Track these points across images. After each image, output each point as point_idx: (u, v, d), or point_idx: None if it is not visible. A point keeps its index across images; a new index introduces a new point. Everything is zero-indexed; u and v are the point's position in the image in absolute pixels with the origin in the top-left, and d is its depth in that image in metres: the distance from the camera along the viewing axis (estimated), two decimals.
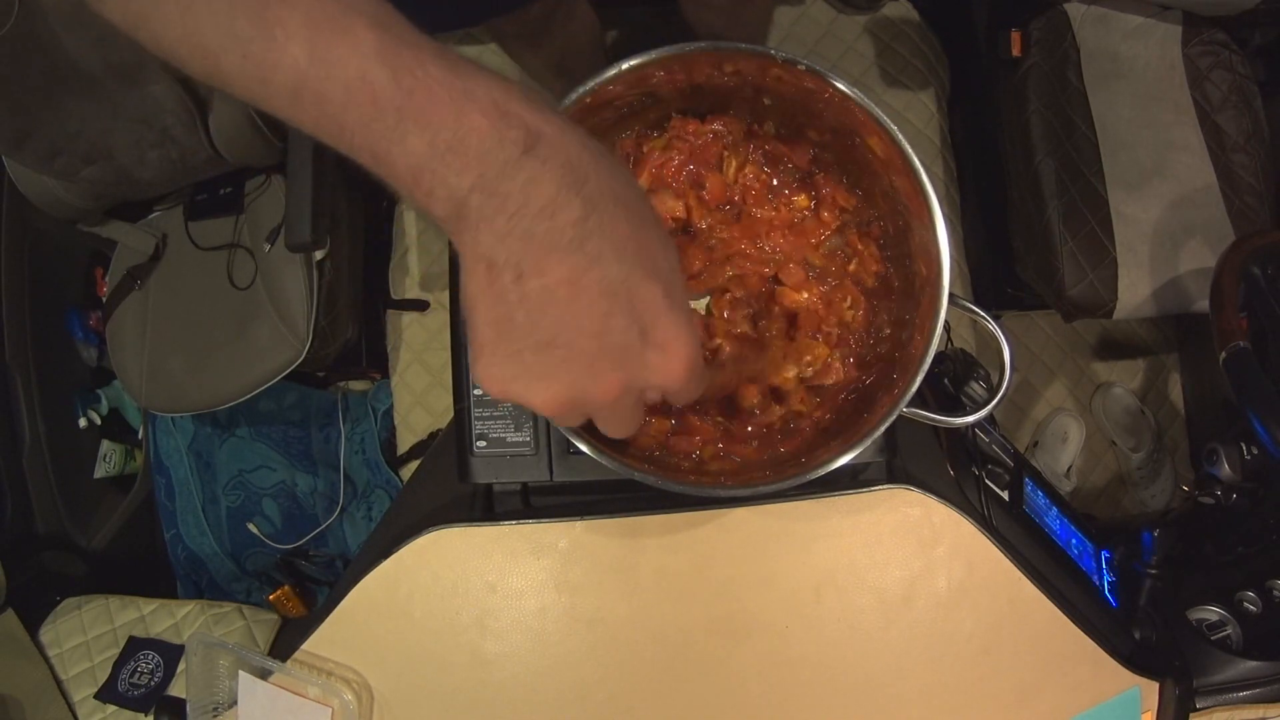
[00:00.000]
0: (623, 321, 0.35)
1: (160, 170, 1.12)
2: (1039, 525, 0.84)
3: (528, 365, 0.36)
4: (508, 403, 0.39)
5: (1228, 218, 1.21)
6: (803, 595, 0.70)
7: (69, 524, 1.33)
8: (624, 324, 0.35)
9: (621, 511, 0.70)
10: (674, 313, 0.37)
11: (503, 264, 0.34)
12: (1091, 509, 1.54)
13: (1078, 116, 1.24)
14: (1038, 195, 1.22)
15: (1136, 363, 1.58)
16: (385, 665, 0.72)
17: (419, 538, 0.71)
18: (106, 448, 1.43)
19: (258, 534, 1.41)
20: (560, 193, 0.33)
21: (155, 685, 1.02)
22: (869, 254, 0.64)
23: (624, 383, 0.37)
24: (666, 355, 0.37)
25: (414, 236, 1.48)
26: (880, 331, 0.64)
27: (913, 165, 0.56)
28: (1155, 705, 0.74)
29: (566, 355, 0.35)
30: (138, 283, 1.26)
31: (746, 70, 0.58)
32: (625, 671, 0.71)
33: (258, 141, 1.10)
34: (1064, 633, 0.72)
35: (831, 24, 1.48)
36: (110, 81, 0.99)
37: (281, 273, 1.18)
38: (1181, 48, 1.27)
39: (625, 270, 0.35)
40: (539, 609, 0.71)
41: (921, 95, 1.46)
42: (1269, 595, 0.82)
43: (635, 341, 0.36)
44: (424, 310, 1.48)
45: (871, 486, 0.71)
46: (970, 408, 0.60)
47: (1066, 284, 1.19)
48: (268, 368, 1.18)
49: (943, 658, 0.71)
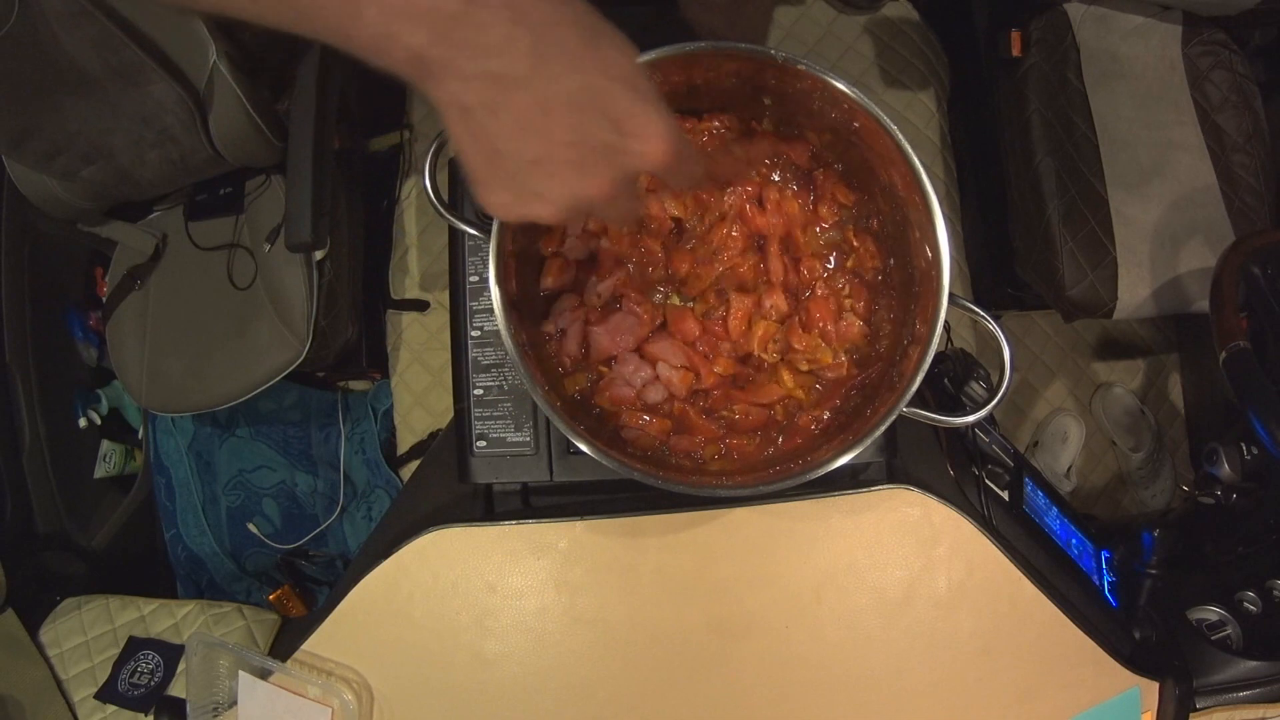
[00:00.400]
0: (595, 124, 0.38)
1: (160, 170, 1.12)
2: (1039, 525, 0.84)
3: (524, 186, 0.39)
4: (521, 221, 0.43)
5: (1228, 218, 1.20)
6: (803, 595, 0.70)
7: (69, 524, 1.33)
8: (596, 125, 0.38)
9: (621, 511, 0.70)
10: (642, 103, 0.39)
11: (474, 105, 0.37)
12: (1091, 509, 1.54)
13: (1078, 116, 1.24)
14: (1038, 195, 1.22)
15: (1136, 363, 1.58)
16: (385, 665, 0.72)
17: (419, 538, 0.71)
18: (106, 448, 1.43)
19: (258, 534, 1.41)
20: (508, 28, 0.36)
21: (155, 685, 1.02)
22: (866, 250, 0.64)
23: (614, 177, 0.40)
24: (645, 141, 0.39)
25: (414, 236, 1.47)
26: (880, 329, 0.64)
27: (913, 165, 0.56)
28: (1155, 705, 0.74)
29: (554, 168, 0.39)
30: (138, 283, 1.26)
31: (745, 70, 0.58)
32: (625, 671, 0.71)
33: (258, 141, 1.10)
34: (1064, 633, 0.72)
35: (831, 24, 1.48)
36: (110, 81, 0.99)
37: (281, 273, 1.18)
38: (1181, 48, 1.27)
39: (584, 79, 0.38)
40: (539, 609, 0.71)
41: (921, 95, 1.46)
42: (1269, 595, 0.82)
43: (612, 137, 0.39)
44: (424, 310, 1.48)
45: (871, 486, 0.71)
46: (970, 408, 0.60)
47: (1066, 284, 1.19)
48: (268, 368, 1.18)
49: (943, 658, 0.71)
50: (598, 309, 0.62)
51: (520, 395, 0.70)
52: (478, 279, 0.72)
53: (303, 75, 0.99)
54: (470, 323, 0.72)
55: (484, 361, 0.71)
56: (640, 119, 0.39)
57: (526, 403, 0.70)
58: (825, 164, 0.64)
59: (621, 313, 0.62)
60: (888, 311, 0.64)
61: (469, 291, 0.73)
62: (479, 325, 0.72)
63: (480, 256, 0.73)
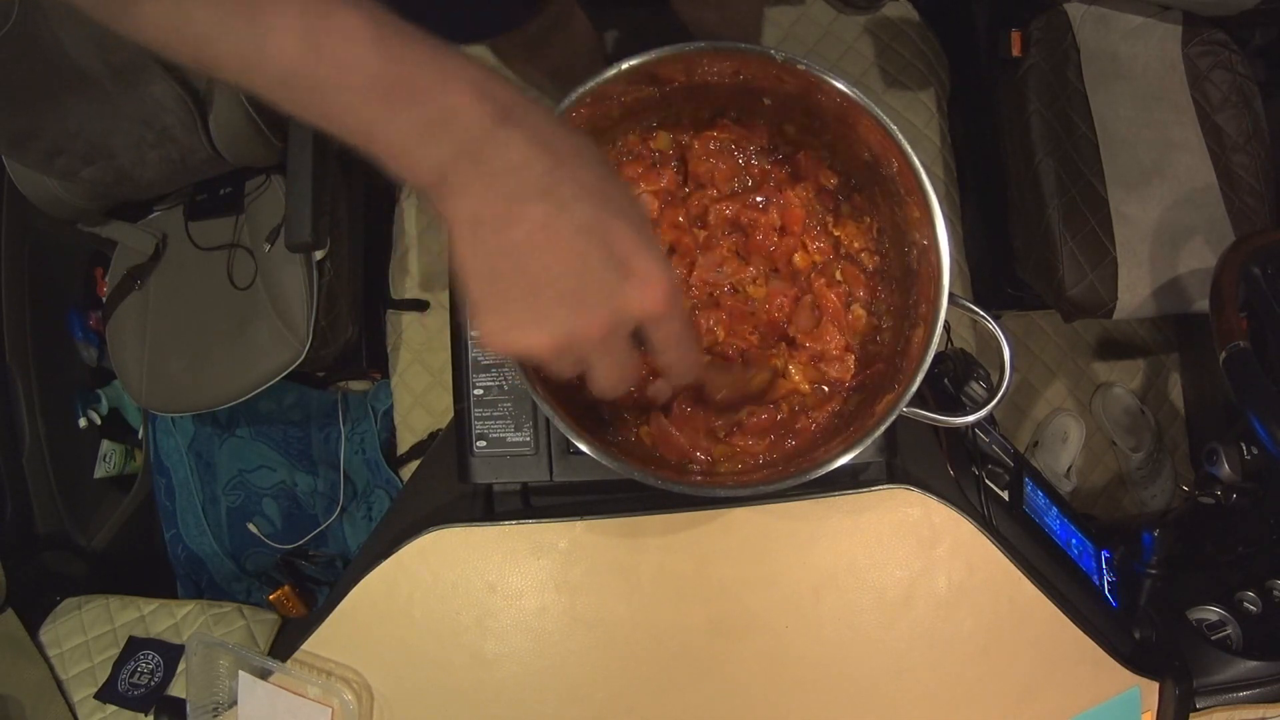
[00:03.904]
0: (599, 256, 0.38)
1: (160, 170, 1.12)
2: (1039, 525, 0.84)
3: (519, 312, 0.39)
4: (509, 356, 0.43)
5: (1228, 218, 1.20)
6: (803, 595, 0.70)
7: (69, 524, 1.33)
8: (600, 259, 0.38)
9: (622, 511, 0.70)
10: (647, 247, 0.39)
11: (484, 220, 0.37)
12: (1091, 509, 1.54)
13: (1078, 116, 1.24)
14: (1038, 195, 1.22)
15: (1136, 363, 1.58)
16: (385, 665, 0.72)
17: (419, 538, 0.71)
18: (106, 448, 1.43)
19: (258, 534, 1.41)
20: (531, 150, 0.37)
21: (155, 685, 1.02)
22: (865, 247, 0.65)
23: (610, 317, 0.39)
24: (644, 285, 0.39)
25: (414, 236, 1.47)
26: (881, 324, 0.64)
27: (913, 166, 0.56)
28: (1155, 705, 0.74)
29: (552, 296, 0.38)
30: (138, 283, 1.26)
31: (744, 70, 0.58)
32: (625, 671, 0.71)
33: (258, 141, 1.10)
34: (1064, 633, 0.72)
35: (831, 24, 1.48)
36: (110, 81, 0.99)
37: (281, 273, 1.18)
38: (1181, 48, 1.27)
39: (595, 211, 0.38)
40: (539, 609, 0.71)
41: (921, 95, 1.46)
42: (1269, 595, 0.82)
43: (613, 274, 0.39)
44: (424, 310, 1.48)
45: (871, 486, 0.71)
46: (970, 408, 0.60)
47: (1066, 284, 1.19)
48: (268, 368, 1.18)
49: (943, 658, 0.71)
50: None
51: (520, 395, 0.70)
52: None
53: None
54: (470, 323, 0.72)
55: (484, 361, 0.71)
56: (643, 262, 0.39)
57: (526, 403, 0.70)
58: (820, 159, 0.65)
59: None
60: (888, 306, 0.64)
61: None
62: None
63: None
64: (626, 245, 0.39)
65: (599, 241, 0.38)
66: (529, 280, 0.38)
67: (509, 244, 0.37)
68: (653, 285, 0.39)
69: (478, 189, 0.37)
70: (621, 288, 0.39)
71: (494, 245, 0.38)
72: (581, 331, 0.39)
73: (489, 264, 0.38)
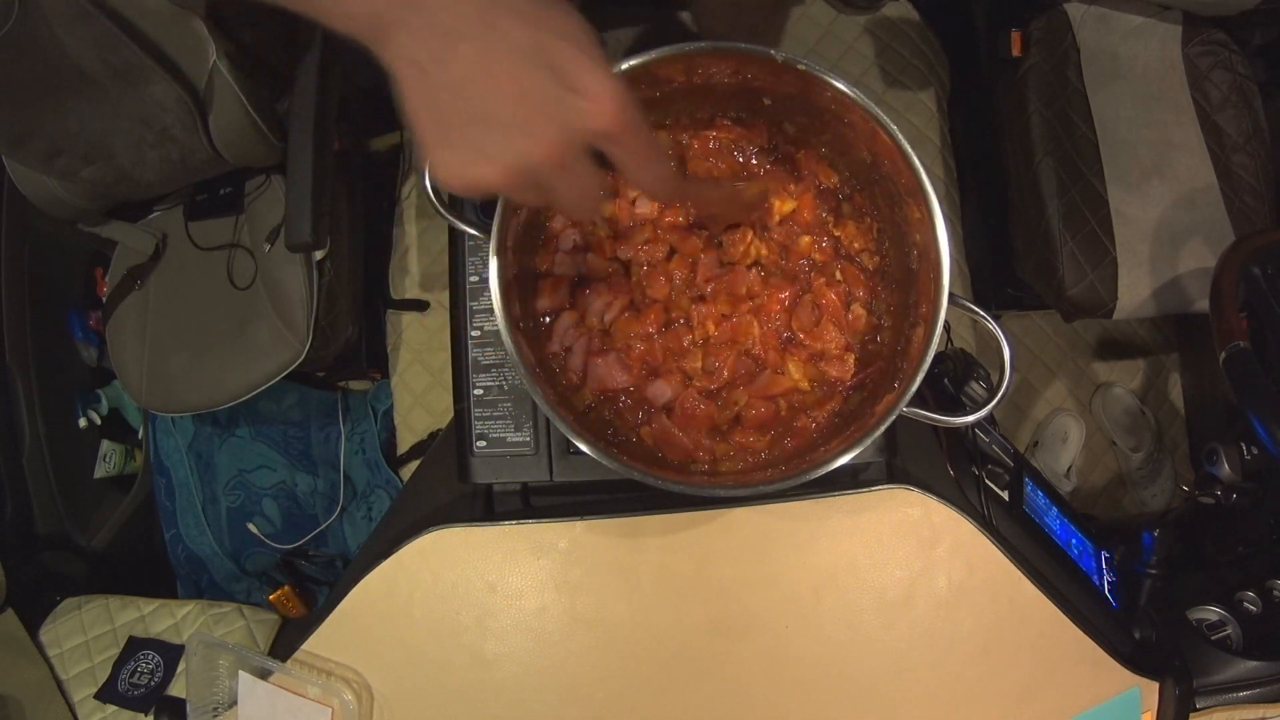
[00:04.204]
0: (540, 77, 0.38)
1: (160, 170, 1.12)
2: (1039, 525, 0.84)
3: (470, 146, 0.39)
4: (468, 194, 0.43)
5: (1228, 218, 1.20)
6: (803, 595, 0.70)
7: (69, 524, 1.33)
8: (542, 79, 0.38)
9: (622, 511, 0.70)
10: (591, 64, 0.39)
11: (424, 60, 0.37)
12: (1091, 509, 1.54)
13: (1078, 116, 1.24)
14: (1038, 195, 1.22)
15: (1136, 363, 1.58)
16: (385, 665, 0.72)
17: (419, 538, 0.71)
18: (106, 448, 1.43)
19: (258, 534, 1.41)
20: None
21: (155, 685, 1.02)
22: (865, 246, 0.64)
23: (560, 136, 0.39)
24: (591, 98, 0.39)
25: (414, 236, 1.47)
26: (881, 323, 0.64)
27: (913, 166, 0.56)
28: (1155, 705, 0.74)
29: (499, 125, 0.38)
30: (138, 283, 1.26)
31: (744, 70, 0.58)
32: (625, 671, 0.71)
33: (258, 141, 1.10)
34: (1064, 633, 0.72)
35: (831, 24, 1.48)
36: (110, 81, 0.99)
37: (281, 273, 1.18)
38: (1181, 48, 1.27)
39: (533, 33, 0.38)
40: (539, 609, 0.71)
41: (921, 95, 1.46)
42: (1269, 595, 0.82)
43: (558, 91, 0.38)
44: (424, 310, 1.48)
45: (871, 486, 0.71)
46: (970, 408, 0.60)
47: (1066, 284, 1.19)
48: (268, 368, 1.18)
49: (943, 658, 0.71)
50: (599, 333, 0.62)
51: (520, 395, 0.70)
52: (478, 279, 0.73)
53: (303, 75, 0.99)
54: (470, 323, 0.72)
55: (484, 361, 0.71)
56: (587, 75, 0.39)
57: (526, 403, 0.70)
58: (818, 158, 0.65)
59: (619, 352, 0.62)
60: (888, 305, 0.64)
61: (469, 291, 0.73)
62: (479, 325, 0.72)
63: (480, 257, 0.73)
64: (570, 64, 0.38)
65: (541, 63, 0.38)
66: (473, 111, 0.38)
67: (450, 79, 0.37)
68: (601, 100, 0.39)
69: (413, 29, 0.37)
70: (568, 105, 0.38)
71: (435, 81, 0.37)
72: (534, 155, 0.39)
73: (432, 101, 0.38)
